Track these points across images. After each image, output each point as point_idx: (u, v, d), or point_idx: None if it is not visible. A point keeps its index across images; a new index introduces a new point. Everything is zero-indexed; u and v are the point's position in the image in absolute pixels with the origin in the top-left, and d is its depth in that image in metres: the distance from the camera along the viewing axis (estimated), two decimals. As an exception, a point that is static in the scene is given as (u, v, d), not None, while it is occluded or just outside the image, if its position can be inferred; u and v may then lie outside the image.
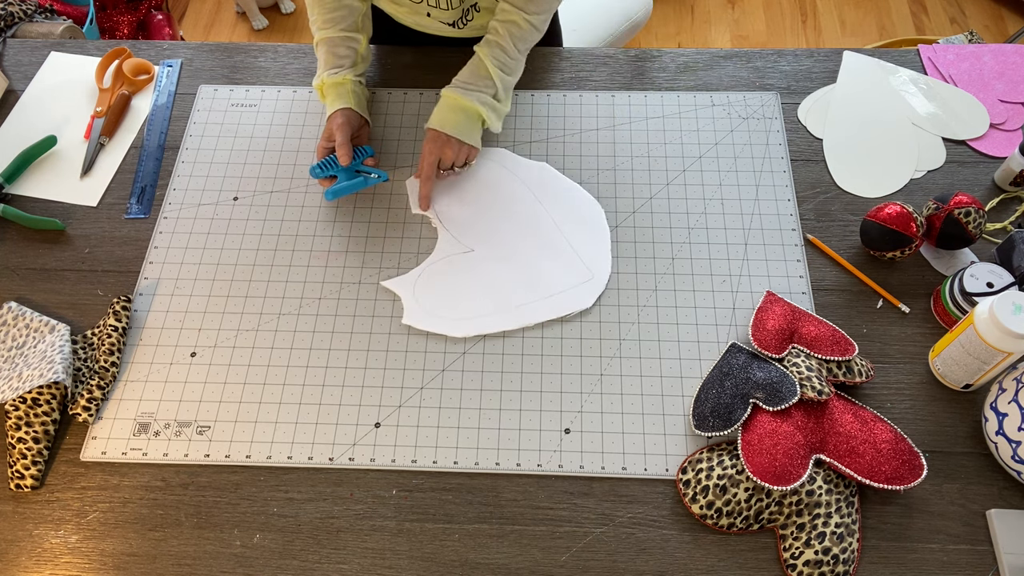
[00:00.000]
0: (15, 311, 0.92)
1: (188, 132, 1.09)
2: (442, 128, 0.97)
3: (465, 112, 0.97)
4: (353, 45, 1.01)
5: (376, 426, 0.85)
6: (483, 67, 0.98)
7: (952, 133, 1.06)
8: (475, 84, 0.98)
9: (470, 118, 0.98)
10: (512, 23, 0.98)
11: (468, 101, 0.97)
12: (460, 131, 0.97)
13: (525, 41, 1.00)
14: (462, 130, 0.97)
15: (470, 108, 0.97)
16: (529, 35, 1.00)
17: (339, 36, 1.00)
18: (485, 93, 0.98)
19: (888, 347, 0.89)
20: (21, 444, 0.82)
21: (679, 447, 0.83)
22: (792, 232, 0.98)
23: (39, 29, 1.42)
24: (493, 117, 0.99)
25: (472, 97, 0.97)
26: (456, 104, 0.97)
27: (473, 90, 0.98)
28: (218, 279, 0.96)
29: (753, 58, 1.14)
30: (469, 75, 0.99)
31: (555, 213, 1.00)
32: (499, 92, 0.99)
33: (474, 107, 0.97)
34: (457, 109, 0.97)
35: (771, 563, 0.77)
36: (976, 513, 0.79)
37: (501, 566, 0.77)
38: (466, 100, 0.97)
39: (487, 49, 0.99)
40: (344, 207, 1.02)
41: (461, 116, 0.97)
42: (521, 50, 1.00)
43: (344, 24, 1.00)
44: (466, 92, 0.98)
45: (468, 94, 0.97)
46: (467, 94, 0.97)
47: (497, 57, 0.98)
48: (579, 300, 0.92)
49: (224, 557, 0.78)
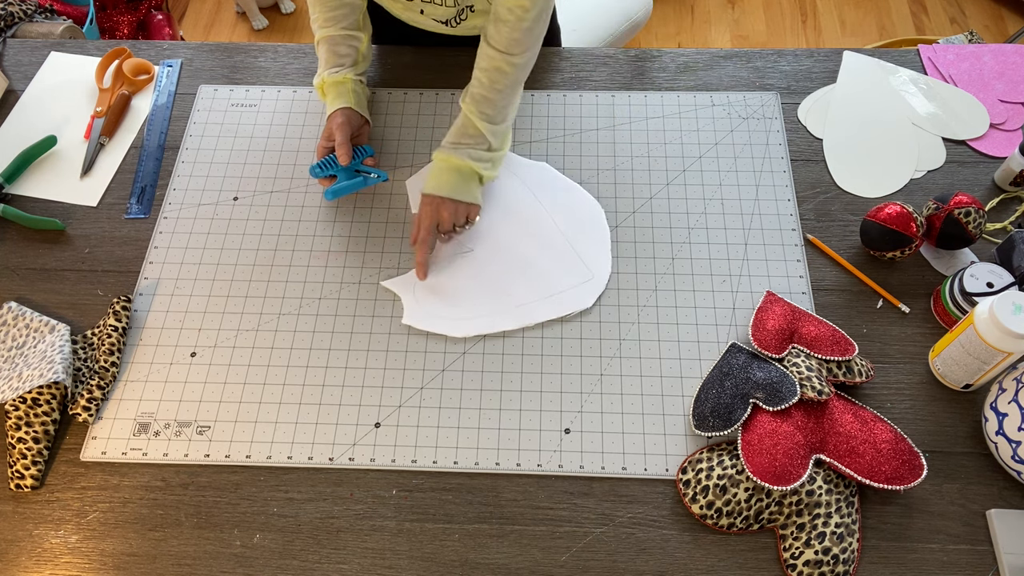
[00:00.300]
0: (15, 311, 0.92)
1: (188, 132, 1.09)
2: (437, 192, 0.93)
3: (459, 171, 0.94)
4: (354, 44, 1.01)
5: (376, 426, 0.85)
6: (471, 124, 0.94)
7: (952, 133, 1.06)
8: (465, 142, 0.94)
9: (465, 177, 0.94)
10: (496, 70, 0.93)
11: (460, 160, 0.93)
12: (456, 191, 0.93)
13: (513, 85, 0.95)
14: (458, 190, 0.93)
15: (463, 167, 0.94)
16: (516, 76, 0.95)
17: (340, 35, 1.00)
18: (477, 149, 0.94)
19: (888, 347, 0.89)
20: (21, 444, 0.82)
21: (679, 447, 0.83)
22: (792, 232, 0.98)
23: (39, 29, 1.42)
24: (489, 168, 0.96)
25: (463, 154, 0.93)
26: (448, 165, 0.94)
27: (463, 147, 0.94)
28: (218, 279, 0.96)
29: (753, 58, 1.14)
30: (458, 134, 0.95)
31: (555, 213, 1.00)
32: (491, 144, 0.95)
33: (467, 164, 0.93)
34: (450, 170, 0.94)
35: (771, 563, 0.77)
36: (976, 513, 0.79)
37: (501, 566, 0.77)
38: (458, 159, 0.93)
39: (473, 105, 0.94)
40: (344, 207, 1.02)
41: (455, 176, 0.93)
42: (508, 94, 0.95)
43: (345, 23, 1.00)
44: (456, 150, 0.94)
45: (459, 152, 0.94)
46: (458, 152, 0.94)
47: (484, 111, 0.94)
48: (579, 300, 0.92)
49: (224, 557, 0.78)
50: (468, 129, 0.95)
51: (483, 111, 0.94)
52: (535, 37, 0.93)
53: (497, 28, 0.92)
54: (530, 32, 0.92)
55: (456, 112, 1.09)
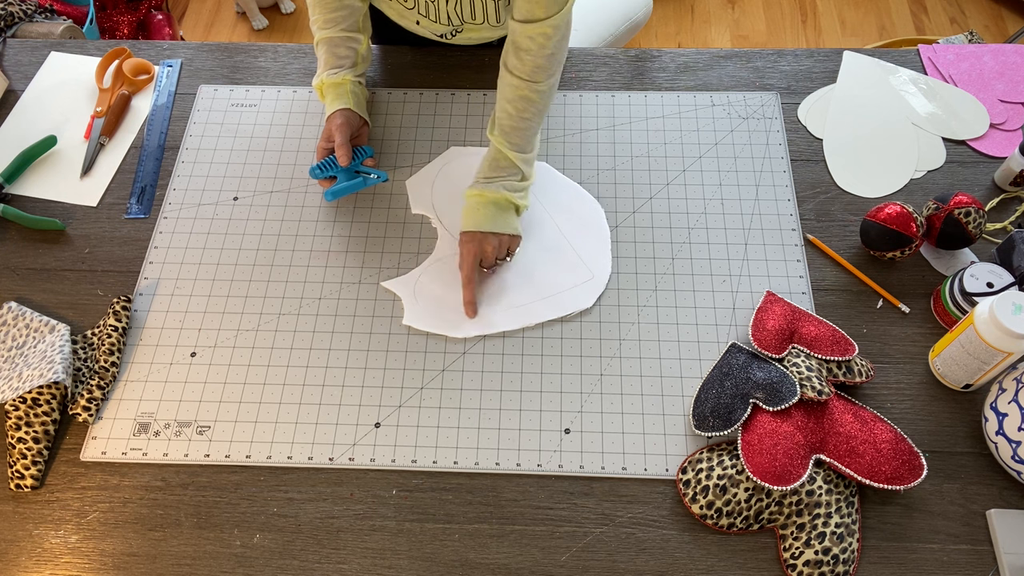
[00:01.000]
0: (15, 311, 0.92)
1: (188, 132, 1.09)
2: (478, 228, 0.91)
3: (496, 205, 0.93)
4: (353, 45, 1.01)
5: (376, 426, 0.85)
6: (503, 157, 0.94)
7: (952, 133, 1.06)
8: (498, 175, 0.94)
9: (502, 209, 0.93)
10: (523, 99, 0.92)
11: (496, 193, 0.92)
12: (496, 225, 0.92)
13: (540, 113, 0.94)
14: (498, 223, 0.92)
15: (500, 199, 0.92)
16: (542, 104, 0.94)
17: (339, 36, 1.00)
18: (511, 180, 0.94)
19: (888, 347, 0.89)
20: (21, 444, 0.82)
21: (679, 447, 0.83)
22: (792, 232, 0.98)
23: (39, 29, 1.42)
24: (523, 198, 0.95)
25: (497, 187, 0.93)
26: (484, 200, 0.93)
27: (497, 181, 0.93)
28: (218, 279, 0.96)
29: (753, 58, 1.14)
30: (490, 168, 0.94)
31: (555, 213, 1.00)
32: (524, 173, 0.95)
33: (503, 196, 0.92)
34: (487, 204, 0.92)
35: (771, 563, 0.77)
36: (976, 513, 0.79)
37: (501, 566, 0.77)
38: (493, 193, 0.92)
39: (503, 138, 0.93)
40: (344, 207, 1.02)
41: (493, 210, 0.92)
42: (536, 122, 0.95)
43: (345, 24, 1.00)
44: (489, 184, 0.93)
45: (493, 186, 0.93)
46: (492, 186, 0.93)
47: (514, 142, 0.93)
48: (579, 300, 0.92)
49: (224, 557, 0.78)
50: (500, 162, 0.94)
51: (513, 141, 0.93)
52: (557, 62, 0.93)
53: (519, 57, 0.90)
54: (553, 58, 0.91)
55: (453, 112, 1.09)
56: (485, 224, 0.91)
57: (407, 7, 1.02)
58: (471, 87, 1.12)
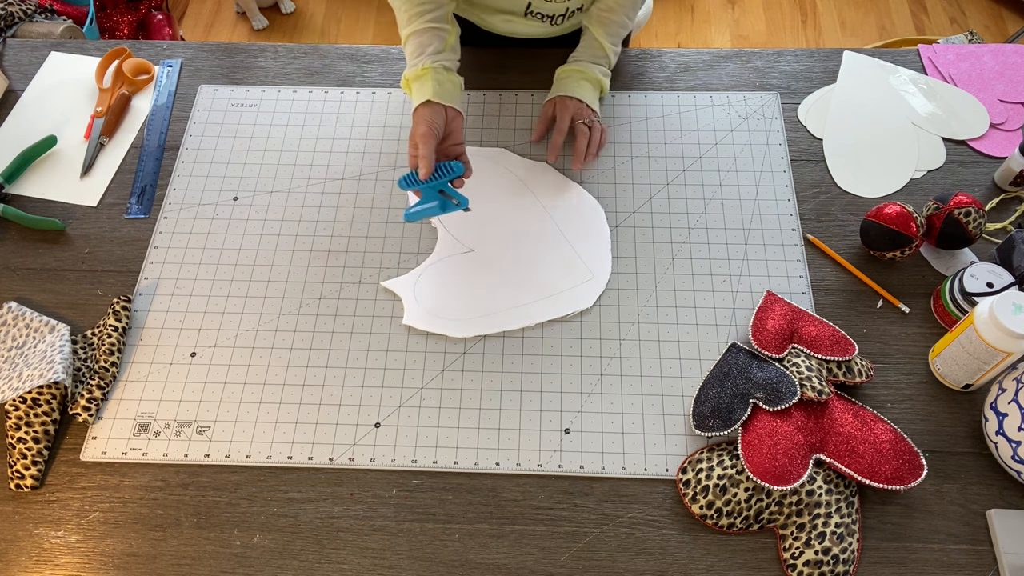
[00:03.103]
0: (15, 311, 0.92)
1: (188, 132, 1.09)
2: (570, 93, 1.02)
3: (588, 81, 1.03)
4: (440, 35, 0.94)
5: (376, 426, 0.85)
6: (597, 45, 1.04)
7: (952, 133, 1.06)
8: (593, 60, 1.04)
9: (593, 86, 1.04)
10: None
11: (591, 72, 1.03)
12: (586, 97, 1.03)
13: (635, 10, 1.05)
14: (587, 97, 1.03)
15: (592, 78, 1.03)
16: (638, 3, 1.05)
17: (425, 27, 0.93)
18: (603, 66, 1.05)
19: (888, 347, 0.89)
20: (21, 444, 0.82)
21: (679, 447, 0.83)
22: (792, 232, 0.98)
23: (39, 29, 1.42)
24: (607, 81, 1.05)
25: (592, 69, 1.03)
26: (580, 75, 1.03)
27: (590, 64, 1.04)
28: (218, 279, 0.96)
29: (753, 58, 1.14)
30: (587, 54, 1.04)
31: (555, 213, 1.00)
32: (611, 62, 1.06)
33: (595, 76, 1.03)
34: (582, 79, 1.03)
35: (771, 563, 0.77)
36: (976, 513, 0.79)
37: (501, 566, 0.77)
38: (589, 71, 1.03)
39: (601, 28, 1.03)
40: (344, 207, 1.02)
41: (587, 85, 1.03)
42: (631, 17, 1.05)
43: (431, 16, 0.93)
44: (585, 65, 1.04)
45: (587, 66, 1.03)
46: (586, 67, 1.03)
47: (611, 34, 1.04)
48: (579, 300, 0.92)
49: (224, 557, 0.78)
50: (596, 50, 1.04)
51: (609, 33, 1.04)
52: None
53: None
54: None
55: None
56: (579, 93, 1.02)
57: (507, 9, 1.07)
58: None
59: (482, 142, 1.07)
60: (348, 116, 1.10)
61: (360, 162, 1.06)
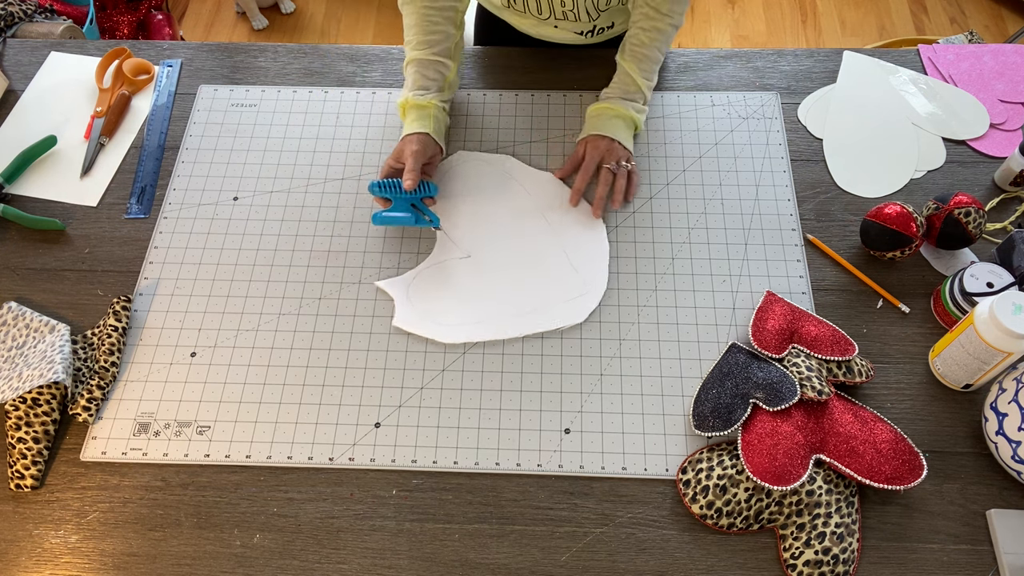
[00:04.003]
0: (15, 311, 0.92)
1: (188, 132, 1.09)
2: (604, 132, 1.00)
3: (622, 119, 1.01)
4: (442, 70, 1.00)
5: (376, 426, 0.85)
6: (631, 82, 1.02)
7: (952, 133, 1.06)
8: (626, 96, 1.02)
9: (627, 124, 1.02)
10: (656, 30, 1.00)
11: (623, 109, 1.01)
12: (618, 135, 1.01)
13: (668, 44, 1.04)
14: (620, 134, 1.01)
15: (626, 115, 1.01)
16: (671, 36, 1.03)
17: (430, 59, 0.99)
18: (637, 102, 1.03)
19: (888, 347, 0.89)
20: (21, 444, 0.82)
21: (679, 447, 0.83)
22: (792, 232, 0.98)
23: (39, 29, 1.42)
24: (641, 118, 1.04)
25: (627, 105, 1.02)
26: (612, 112, 1.01)
27: (624, 101, 1.02)
28: (218, 279, 0.96)
29: (753, 58, 1.14)
30: (620, 90, 1.03)
31: (556, 225, 0.99)
32: (646, 98, 1.03)
33: (629, 114, 1.01)
34: (616, 117, 1.01)
35: (771, 563, 0.77)
36: (976, 513, 0.79)
37: (501, 566, 0.77)
38: (621, 108, 1.01)
39: (635, 64, 1.01)
40: (344, 207, 1.02)
41: (619, 122, 1.01)
42: (663, 53, 1.03)
43: (437, 48, 0.99)
44: (619, 103, 1.02)
45: (621, 104, 1.02)
46: (620, 104, 1.01)
47: (644, 69, 1.02)
48: (572, 314, 0.92)
49: (224, 557, 0.78)
50: (629, 86, 1.02)
51: (644, 69, 1.02)
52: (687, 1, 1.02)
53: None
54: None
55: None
56: (611, 132, 1.01)
57: (542, 18, 1.07)
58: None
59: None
60: (348, 116, 1.10)
61: (360, 162, 1.06)
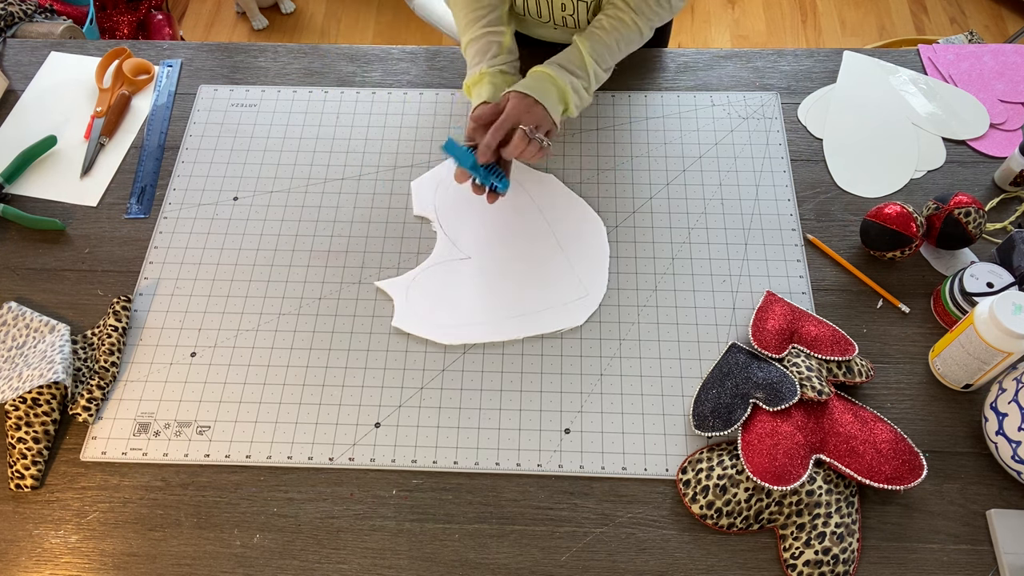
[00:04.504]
0: (15, 311, 0.92)
1: (188, 132, 1.09)
2: (532, 93, 0.92)
3: (556, 87, 0.94)
4: (495, 39, 0.98)
5: (376, 426, 0.85)
6: (579, 58, 0.96)
7: (952, 133, 1.06)
8: (569, 68, 0.96)
9: (559, 94, 0.95)
10: (620, 21, 0.96)
11: (560, 80, 0.94)
12: (547, 101, 0.92)
13: (628, 43, 0.98)
14: (549, 102, 0.93)
15: (562, 86, 0.94)
16: (633, 37, 0.98)
17: (481, 33, 0.97)
18: (578, 78, 0.96)
19: (888, 347, 0.89)
20: (21, 444, 0.82)
21: (679, 447, 0.83)
22: (792, 232, 0.98)
23: (39, 29, 1.42)
24: (577, 101, 0.96)
25: (565, 77, 0.95)
26: (549, 78, 0.94)
27: (566, 72, 0.95)
28: (218, 279, 0.96)
29: (753, 58, 1.14)
30: (565, 59, 0.96)
31: (557, 228, 0.99)
32: (590, 84, 0.97)
33: (565, 86, 0.94)
34: (550, 82, 0.94)
35: (771, 563, 0.77)
36: (976, 513, 0.79)
37: (501, 566, 0.77)
38: (558, 79, 0.94)
39: (588, 42, 0.96)
40: (344, 207, 1.02)
41: (552, 90, 0.94)
42: (621, 50, 0.98)
43: (486, 20, 0.97)
44: (559, 71, 0.95)
45: (562, 73, 0.95)
46: (561, 73, 0.95)
47: (597, 51, 0.96)
48: (571, 317, 0.92)
49: (224, 557, 0.78)
50: (575, 60, 0.96)
51: (596, 50, 0.96)
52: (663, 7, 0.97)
53: None
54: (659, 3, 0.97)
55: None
56: (539, 94, 0.92)
57: (542, 21, 1.06)
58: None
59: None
60: (348, 116, 1.10)
61: (360, 162, 1.06)
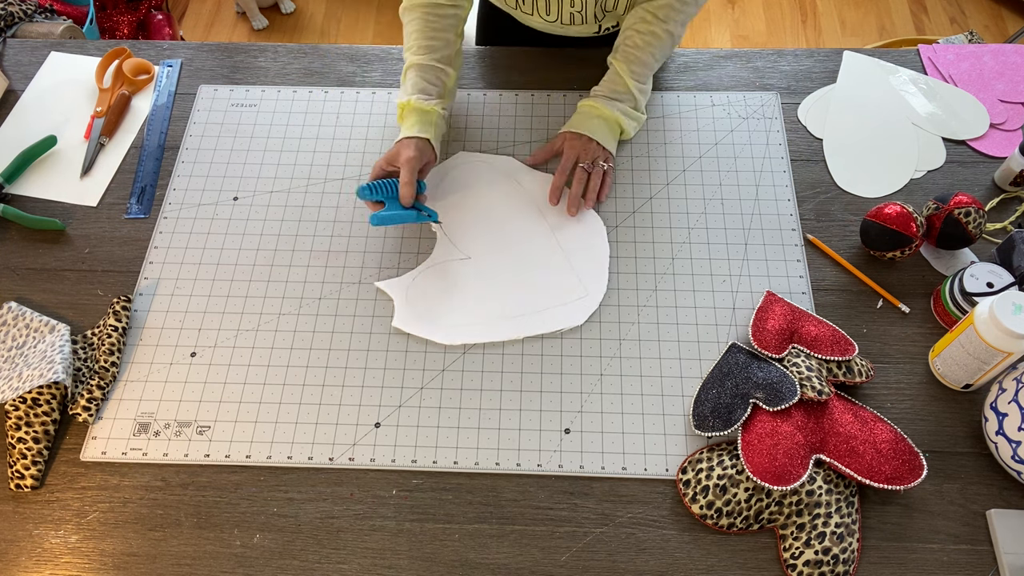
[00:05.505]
0: (15, 311, 0.92)
1: (188, 132, 1.09)
2: (584, 131, 0.99)
3: (605, 120, 1.00)
4: (443, 77, 0.99)
5: (376, 426, 0.85)
6: (620, 82, 1.00)
7: (952, 133, 1.06)
8: (614, 96, 1.01)
9: (610, 126, 1.00)
10: (652, 34, 0.99)
11: (607, 110, 0.99)
12: (599, 136, 0.99)
13: (663, 51, 1.01)
14: (602, 136, 0.99)
15: (611, 117, 1.00)
16: (667, 45, 1.01)
17: (431, 64, 0.98)
18: (624, 104, 1.01)
19: (888, 347, 0.89)
20: (21, 444, 0.82)
21: (679, 447, 0.83)
22: (792, 232, 0.98)
23: (39, 29, 1.42)
24: (631, 125, 1.02)
25: (613, 107, 1.00)
26: (597, 112, 1.00)
27: (613, 100, 1.00)
28: (218, 279, 0.96)
29: (753, 58, 1.14)
30: (607, 88, 1.01)
31: (557, 228, 0.99)
32: (638, 104, 1.02)
33: (614, 116, 0.99)
34: (598, 117, 1.00)
35: (771, 563, 0.77)
36: (976, 513, 0.79)
37: (501, 566, 0.77)
38: (605, 109, 0.99)
39: (624, 64, 1.00)
40: (344, 207, 1.02)
41: (601, 123, 1.00)
42: (658, 60, 1.01)
43: (439, 55, 0.99)
44: (606, 103, 1.00)
45: (610, 104, 1.00)
46: (609, 104, 1.00)
47: (636, 72, 1.00)
48: (571, 317, 0.91)
49: (224, 557, 0.78)
50: (617, 86, 1.01)
51: (633, 70, 1.00)
52: (688, 10, 0.99)
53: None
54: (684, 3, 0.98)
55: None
56: (589, 131, 0.99)
57: (549, 19, 1.06)
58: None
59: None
60: (348, 116, 1.10)
61: (360, 162, 1.06)
